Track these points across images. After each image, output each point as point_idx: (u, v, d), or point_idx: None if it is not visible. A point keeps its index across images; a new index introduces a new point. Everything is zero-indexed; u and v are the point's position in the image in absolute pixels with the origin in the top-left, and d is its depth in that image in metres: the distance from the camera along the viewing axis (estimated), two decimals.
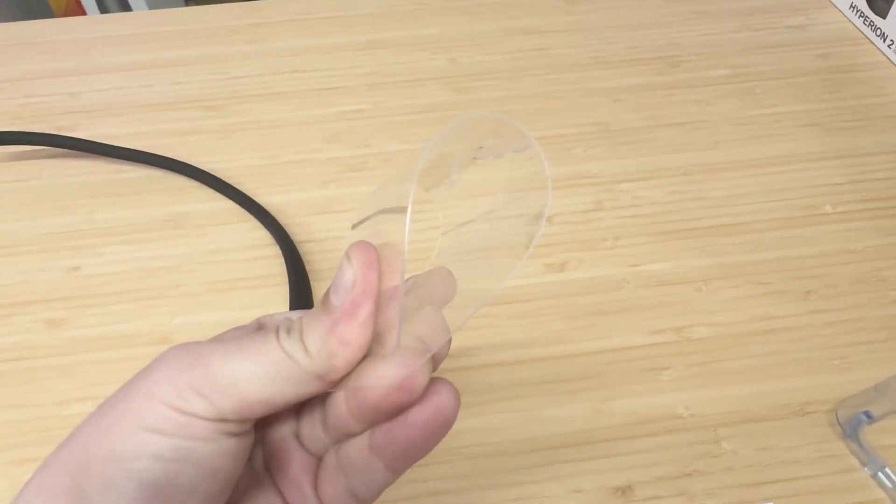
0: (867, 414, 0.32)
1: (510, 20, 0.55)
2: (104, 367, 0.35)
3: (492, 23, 0.55)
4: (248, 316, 0.37)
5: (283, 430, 0.21)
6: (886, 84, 0.49)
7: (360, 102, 0.48)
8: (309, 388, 0.18)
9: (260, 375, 0.18)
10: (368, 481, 0.19)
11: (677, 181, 0.43)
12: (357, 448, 0.19)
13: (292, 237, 0.40)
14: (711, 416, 0.33)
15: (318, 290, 0.38)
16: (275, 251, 0.39)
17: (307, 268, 0.39)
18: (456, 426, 0.33)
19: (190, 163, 0.44)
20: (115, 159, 0.44)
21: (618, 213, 0.41)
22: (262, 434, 0.21)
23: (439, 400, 0.19)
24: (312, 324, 0.19)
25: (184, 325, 0.37)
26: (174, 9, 0.55)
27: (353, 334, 0.18)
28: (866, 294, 0.38)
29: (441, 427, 0.19)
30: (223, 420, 0.18)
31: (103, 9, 1.34)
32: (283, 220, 0.41)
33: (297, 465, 0.20)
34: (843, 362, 0.35)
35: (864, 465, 0.31)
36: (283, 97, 0.48)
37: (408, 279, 0.21)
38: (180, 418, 0.18)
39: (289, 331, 0.19)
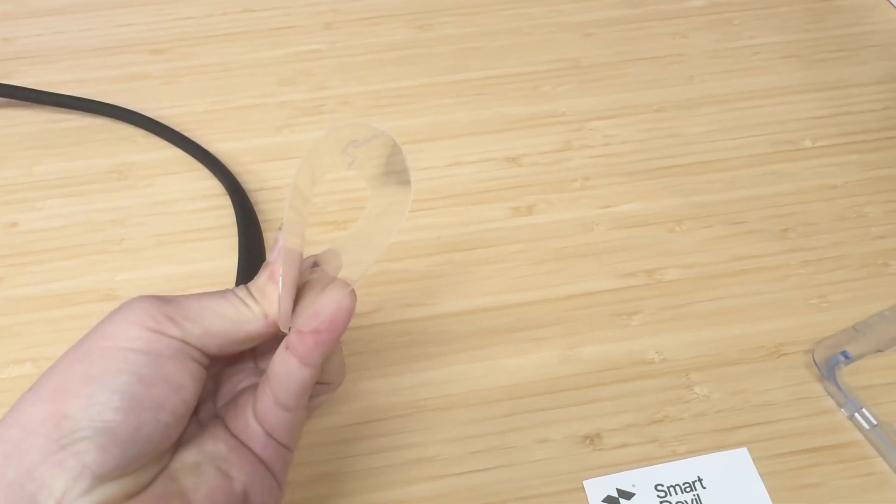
0: (845, 354, 0.31)
1: None
2: (43, 328, 0.33)
3: None
4: (197, 270, 0.35)
5: (240, 375, 0.24)
6: (870, 13, 0.47)
7: (316, 42, 0.45)
8: (257, 327, 0.22)
9: (220, 313, 0.21)
10: (287, 382, 0.22)
11: (650, 118, 0.41)
12: (277, 355, 0.22)
13: (244, 185, 0.38)
14: (683, 360, 0.32)
15: (270, 240, 0.36)
16: (225, 201, 0.37)
17: (259, 217, 0.36)
18: (416, 378, 0.32)
19: (135, 110, 0.41)
20: (55, 108, 0.41)
21: (588, 153, 0.39)
22: (222, 381, 0.24)
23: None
24: (256, 278, 0.23)
25: (128, 282, 0.34)
26: None
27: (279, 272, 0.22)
28: (846, 231, 0.36)
29: (340, 319, 0.22)
30: (189, 344, 0.21)
31: None
32: (234, 168, 0.39)
33: (244, 398, 0.23)
34: (820, 302, 0.34)
35: (840, 406, 0.30)
36: (234, 38, 0.46)
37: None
38: (153, 336, 0.20)
39: (239, 286, 0.23)
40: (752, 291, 0.34)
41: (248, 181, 0.38)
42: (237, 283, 0.32)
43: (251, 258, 0.33)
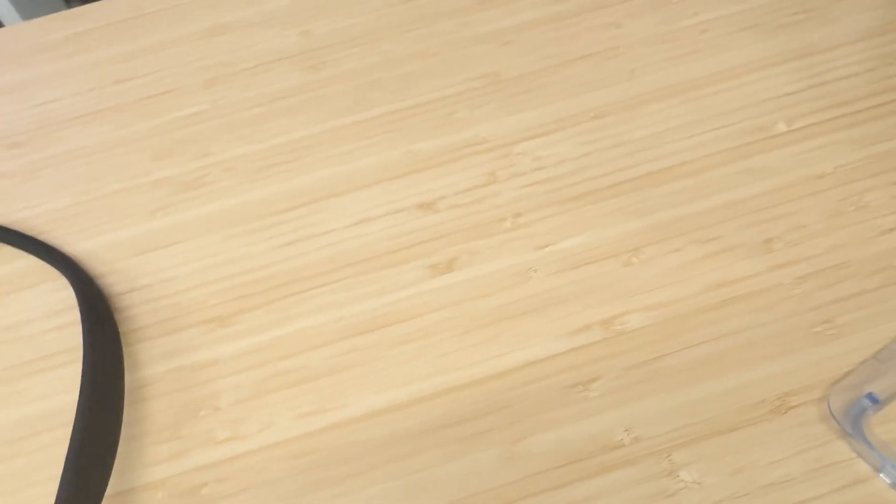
0: (871, 397, 0.23)
1: None
2: None
3: None
4: (43, 410, 0.28)
5: None
6: None
7: (196, 104, 0.39)
8: None
9: None
10: None
11: (589, 128, 0.34)
12: None
13: (107, 290, 0.31)
14: (661, 436, 0.24)
15: (137, 353, 0.29)
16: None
17: (125, 327, 0.30)
18: None
19: None
20: None
21: (517, 183, 0.32)
22: None
23: None
24: None
25: None
26: None
27: None
28: (846, 229, 0.29)
29: None
30: None
31: None
32: (99, 269, 0.32)
33: None
34: (827, 327, 0.26)
35: (878, 471, 0.23)
36: (103, 115, 0.39)
37: None
38: None
39: None
40: (739, 328, 0.26)
41: (115, 283, 0.32)
42: (76, 423, 0.25)
43: (97, 386, 0.26)
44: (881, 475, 0.22)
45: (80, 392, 0.26)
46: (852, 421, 0.23)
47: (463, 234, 0.31)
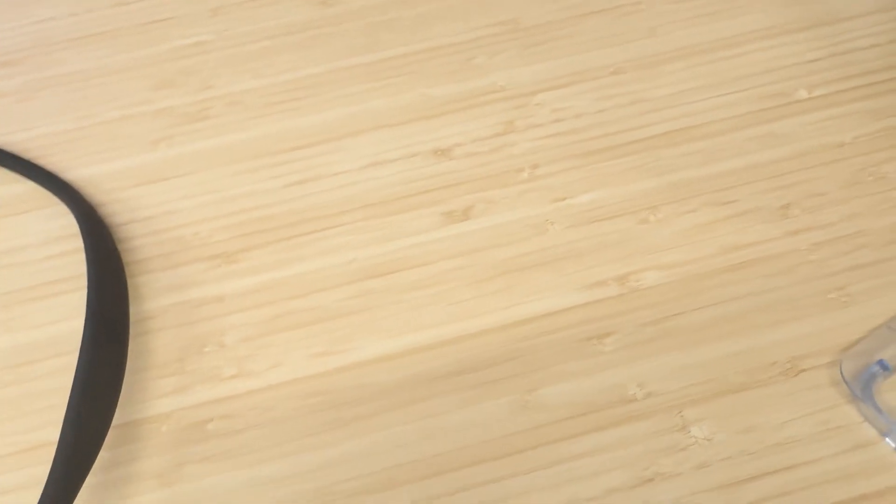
0: (881, 364, 0.24)
1: None
2: None
3: None
4: (41, 338, 0.27)
5: None
6: None
7: (200, 33, 0.37)
8: None
9: None
10: None
11: (607, 83, 0.33)
12: None
13: (108, 219, 0.30)
14: (673, 393, 0.25)
15: (139, 286, 0.28)
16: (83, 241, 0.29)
17: (127, 258, 0.29)
18: (328, 454, 0.24)
19: None
20: None
21: (534, 134, 0.32)
22: None
23: None
24: None
25: None
26: None
27: None
28: (863, 199, 0.29)
29: None
30: None
31: None
32: (99, 197, 0.31)
33: None
34: (841, 294, 0.26)
35: (884, 434, 0.23)
36: (102, 39, 0.38)
37: None
38: None
39: None
40: (753, 290, 0.27)
41: (116, 212, 0.31)
42: (82, 351, 0.24)
43: (103, 316, 0.25)
44: (887, 439, 0.23)
45: (86, 322, 0.25)
46: (863, 385, 0.23)
47: (479, 183, 0.30)
